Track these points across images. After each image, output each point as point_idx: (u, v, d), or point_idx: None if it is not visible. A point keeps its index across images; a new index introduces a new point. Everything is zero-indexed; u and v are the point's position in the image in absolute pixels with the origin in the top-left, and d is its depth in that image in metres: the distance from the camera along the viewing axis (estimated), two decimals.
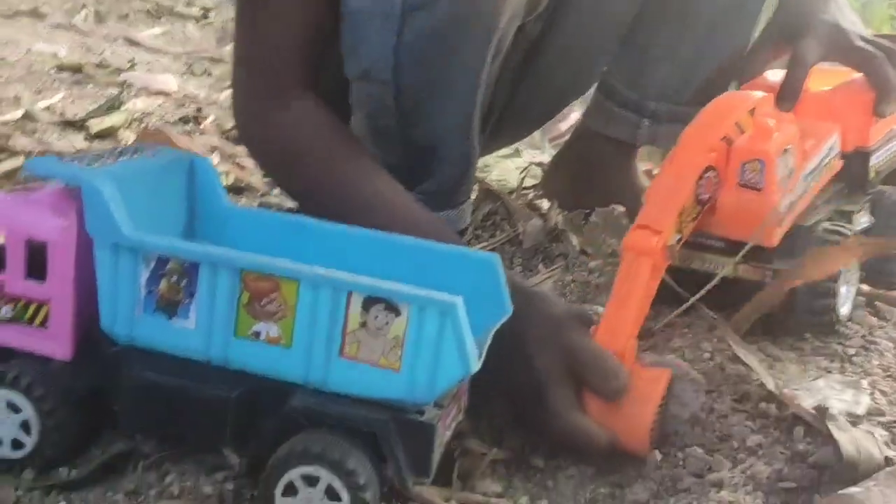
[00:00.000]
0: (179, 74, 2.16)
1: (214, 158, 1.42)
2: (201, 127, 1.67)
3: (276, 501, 0.72)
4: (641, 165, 1.40)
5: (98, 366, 0.78)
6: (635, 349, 0.87)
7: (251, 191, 1.36)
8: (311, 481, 0.71)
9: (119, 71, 2.05)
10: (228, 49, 2.48)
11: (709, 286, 0.96)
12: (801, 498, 0.80)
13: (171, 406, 0.76)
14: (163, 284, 0.74)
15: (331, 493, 0.71)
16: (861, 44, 1.07)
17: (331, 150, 1.03)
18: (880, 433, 0.84)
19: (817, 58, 1.07)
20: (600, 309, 0.99)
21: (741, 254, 0.96)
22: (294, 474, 0.71)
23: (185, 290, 0.74)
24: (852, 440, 0.81)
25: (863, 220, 1.09)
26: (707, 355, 0.98)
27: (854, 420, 0.86)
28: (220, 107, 1.82)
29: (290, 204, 1.16)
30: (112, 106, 1.66)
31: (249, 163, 1.50)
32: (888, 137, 1.12)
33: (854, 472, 0.79)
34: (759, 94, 1.00)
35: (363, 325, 0.71)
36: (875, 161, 1.09)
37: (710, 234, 0.97)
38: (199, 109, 1.76)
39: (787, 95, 1.06)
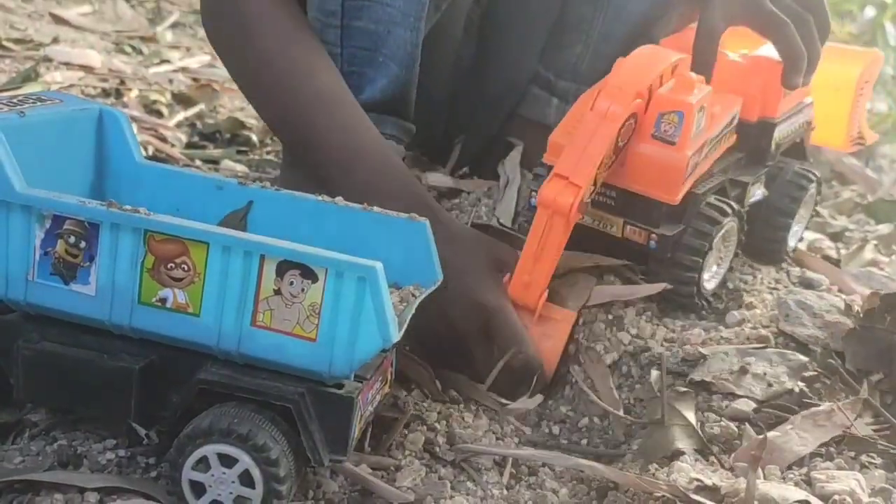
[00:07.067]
0: (107, 52, 2.08)
1: (133, 129, 1.36)
2: (124, 100, 1.60)
3: (184, 473, 0.67)
4: None
5: None
6: (545, 299, 0.92)
7: (172, 162, 1.30)
8: (227, 461, 0.67)
9: (40, 46, 1.96)
10: (160, 29, 2.41)
11: None
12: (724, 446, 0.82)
13: (72, 378, 0.71)
14: (59, 246, 0.69)
15: (245, 478, 0.67)
16: (772, 8, 1.00)
17: (281, 34, 1.01)
18: None
19: (725, 25, 1.02)
20: None
21: None
22: (209, 450, 0.67)
23: (85, 252, 0.69)
24: None
25: (757, 192, 1.07)
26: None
27: None
28: (146, 81, 1.75)
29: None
30: (28, 77, 1.58)
31: (170, 134, 1.44)
32: (794, 111, 1.10)
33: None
34: (679, 54, 0.97)
35: (277, 291, 0.67)
36: (777, 134, 1.07)
37: (610, 185, 0.94)
38: (122, 82, 1.69)
39: (700, 68, 1.01)
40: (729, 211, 0.97)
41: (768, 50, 1.04)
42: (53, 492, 0.69)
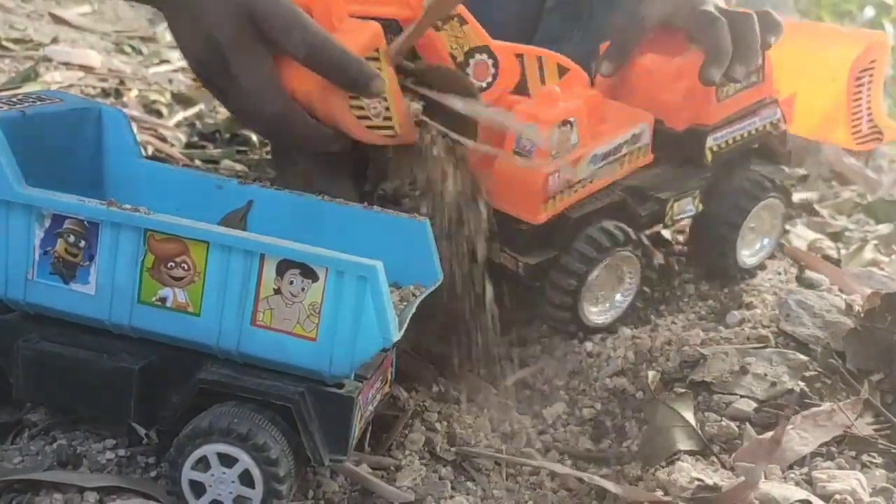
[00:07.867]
0: (106, 52, 2.08)
1: (133, 128, 1.36)
2: (123, 100, 1.60)
3: (184, 473, 0.67)
4: None
5: None
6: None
7: (172, 162, 1.30)
8: (227, 461, 0.67)
9: (40, 46, 1.96)
10: (160, 29, 2.41)
11: None
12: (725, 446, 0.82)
13: (72, 378, 0.71)
14: (59, 245, 0.69)
15: (245, 477, 0.67)
16: (708, 9, 0.96)
17: None
18: None
19: (655, 19, 0.98)
20: None
21: None
22: (209, 450, 0.67)
23: (85, 252, 0.69)
24: None
25: (687, 208, 0.98)
26: None
27: None
28: (146, 81, 1.75)
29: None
30: (27, 77, 1.58)
31: (170, 134, 1.44)
32: (743, 113, 1.00)
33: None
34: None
35: (277, 291, 0.67)
36: (712, 142, 0.98)
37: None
38: (121, 82, 1.69)
39: (611, 56, 0.98)
40: (608, 245, 0.90)
41: (689, 54, 0.97)
42: (53, 491, 0.69)
